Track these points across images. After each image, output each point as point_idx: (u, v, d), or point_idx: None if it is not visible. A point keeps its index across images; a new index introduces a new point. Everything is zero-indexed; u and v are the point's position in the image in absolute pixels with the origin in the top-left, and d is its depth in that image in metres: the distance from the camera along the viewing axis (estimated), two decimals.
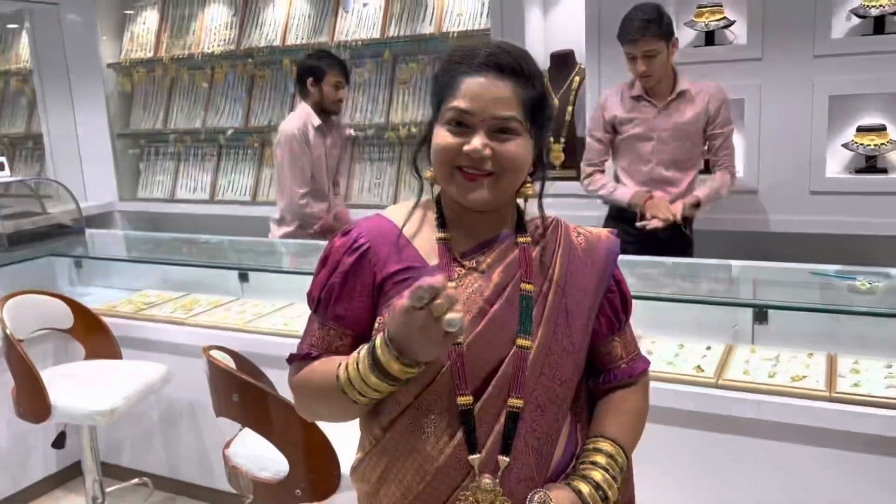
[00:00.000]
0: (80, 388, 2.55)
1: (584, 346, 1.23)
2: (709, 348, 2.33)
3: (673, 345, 2.37)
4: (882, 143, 3.15)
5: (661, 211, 2.89)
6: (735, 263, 2.76)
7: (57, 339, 3.17)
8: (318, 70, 3.46)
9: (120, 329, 2.96)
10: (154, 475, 3.09)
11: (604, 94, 3.15)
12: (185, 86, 4.96)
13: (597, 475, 1.18)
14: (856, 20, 3.16)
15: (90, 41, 4.99)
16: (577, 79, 3.73)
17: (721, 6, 3.35)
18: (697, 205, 2.96)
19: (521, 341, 1.15)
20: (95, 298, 3.32)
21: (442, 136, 1.14)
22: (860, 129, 3.19)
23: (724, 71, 3.32)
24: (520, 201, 1.25)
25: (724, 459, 2.08)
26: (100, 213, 4.97)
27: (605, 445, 1.22)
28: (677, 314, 2.41)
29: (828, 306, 2.26)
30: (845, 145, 3.23)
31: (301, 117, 3.52)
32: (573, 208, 3.55)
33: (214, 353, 2.04)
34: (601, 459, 1.20)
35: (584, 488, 1.16)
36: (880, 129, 3.16)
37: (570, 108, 3.72)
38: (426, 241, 1.20)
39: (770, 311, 2.33)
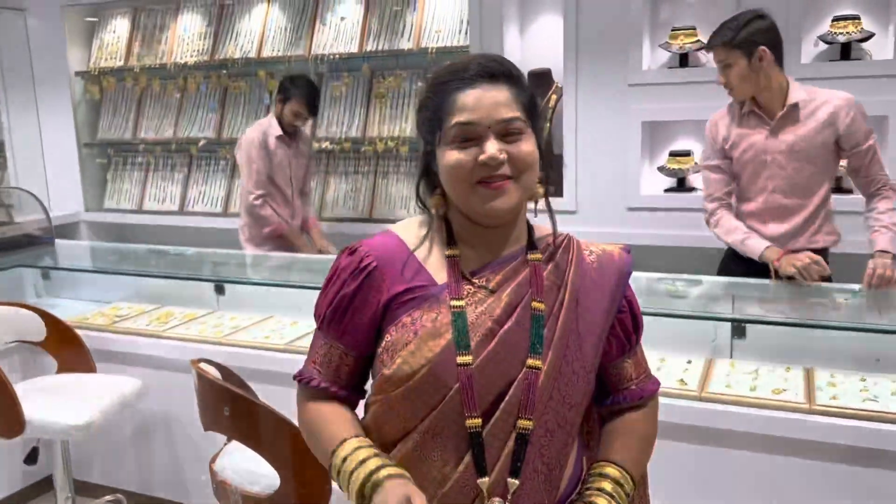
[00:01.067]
0: (54, 402, 2.49)
1: (594, 368, 1.21)
2: (689, 362, 2.38)
3: (654, 358, 2.41)
4: None
5: (807, 269, 2.49)
6: (712, 279, 2.82)
7: (26, 352, 3.08)
8: (288, 92, 3.68)
9: (93, 342, 2.89)
10: (126, 491, 3.02)
11: (714, 116, 2.76)
12: (157, 95, 4.90)
13: (602, 502, 1.16)
14: (823, 46, 3.29)
15: (57, 48, 4.90)
16: (553, 97, 3.79)
17: (695, 29, 3.45)
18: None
19: (531, 361, 1.13)
20: (64, 311, 3.23)
21: (452, 155, 1.12)
22: None
23: (698, 92, 3.41)
24: (529, 216, 1.25)
25: (709, 471, 2.12)
26: (65, 224, 4.85)
27: (612, 471, 1.20)
28: (657, 329, 2.45)
29: (806, 321, 2.33)
30: None
31: (262, 126, 3.75)
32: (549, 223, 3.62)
33: (202, 366, 2.01)
34: (607, 486, 1.18)
35: None
36: None
37: (547, 126, 3.78)
38: (435, 259, 1.19)
39: (748, 327, 2.39)
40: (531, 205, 1.23)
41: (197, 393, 2.00)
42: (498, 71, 1.13)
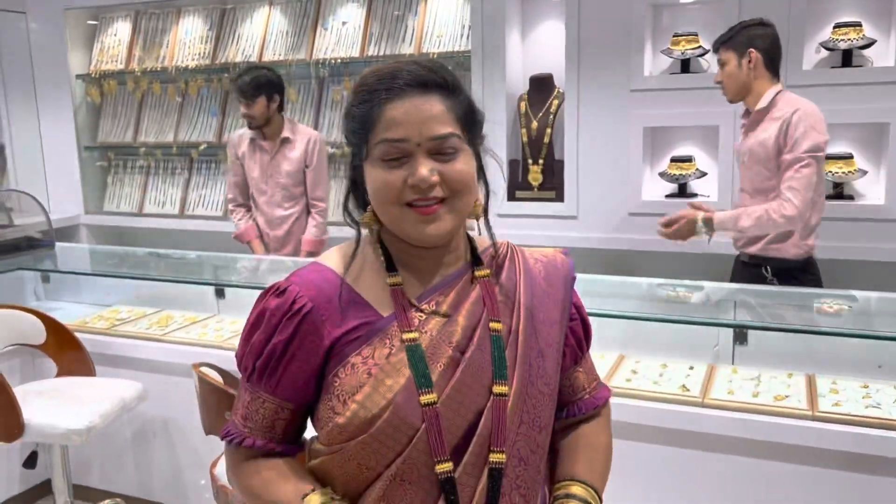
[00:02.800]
0: (54, 405, 2.48)
1: (556, 385, 1.14)
2: (692, 368, 2.38)
3: (656, 365, 2.41)
4: (849, 171, 3.27)
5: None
6: (714, 285, 2.82)
7: (24, 355, 3.07)
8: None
9: (93, 345, 2.89)
10: (125, 496, 3.01)
11: None
12: (157, 99, 4.90)
13: None
14: (825, 52, 3.30)
15: (58, 51, 4.90)
16: (555, 102, 3.79)
17: (696, 35, 3.46)
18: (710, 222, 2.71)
19: (497, 388, 1.05)
20: (64, 314, 3.23)
21: (379, 175, 1.02)
22: (829, 158, 3.28)
23: (700, 98, 3.42)
24: (470, 232, 1.16)
25: (711, 478, 2.11)
26: (65, 227, 4.85)
27: (579, 490, 1.11)
28: (659, 335, 2.45)
29: (808, 327, 2.33)
30: None
31: (245, 130, 3.66)
32: (552, 229, 3.62)
33: (204, 370, 2.00)
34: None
35: None
36: (848, 158, 3.29)
37: (548, 131, 3.77)
38: (375, 289, 1.08)
39: (750, 333, 2.39)
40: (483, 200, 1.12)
41: (198, 397, 1.99)
42: (430, 80, 1.03)
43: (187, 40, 4.73)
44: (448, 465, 1.02)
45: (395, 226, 1.06)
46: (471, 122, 1.07)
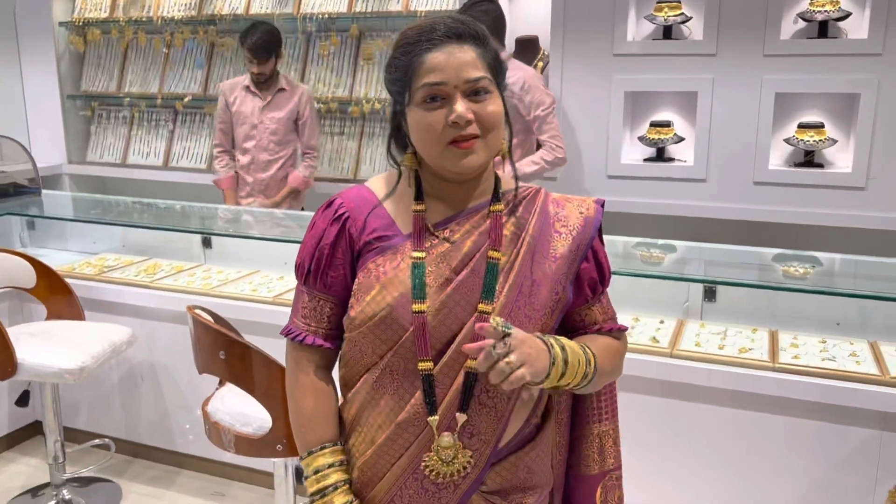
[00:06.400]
0: (46, 346, 2.55)
1: (548, 311, 1.24)
2: (662, 322, 2.50)
3: (629, 318, 2.53)
4: (820, 140, 3.38)
5: None
6: (686, 244, 2.94)
7: (13, 298, 3.13)
8: (240, 43, 3.76)
9: (81, 290, 2.94)
10: (112, 437, 3.09)
11: None
12: (142, 49, 4.87)
13: (563, 340, 1.18)
14: (802, 23, 3.38)
15: None
16: (540, 64, 3.85)
17: (679, 2, 3.52)
18: None
19: (482, 307, 1.18)
20: (50, 260, 3.26)
21: (423, 117, 1.17)
22: (801, 126, 3.41)
23: (680, 64, 3.50)
24: (498, 171, 1.29)
25: (678, 423, 2.25)
26: (48, 175, 4.84)
27: (566, 340, 1.20)
28: (632, 290, 2.56)
29: (772, 284, 2.46)
30: (787, 140, 3.45)
31: (240, 77, 3.88)
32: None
33: (198, 312, 2.08)
34: (564, 340, 1.19)
35: (549, 339, 1.17)
36: (819, 127, 3.39)
37: None
38: (403, 212, 1.25)
39: (718, 290, 2.51)
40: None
41: (192, 337, 2.07)
42: (464, 31, 1.17)
43: None
44: (429, 364, 1.19)
45: (435, 162, 1.20)
46: (497, 69, 1.20)
